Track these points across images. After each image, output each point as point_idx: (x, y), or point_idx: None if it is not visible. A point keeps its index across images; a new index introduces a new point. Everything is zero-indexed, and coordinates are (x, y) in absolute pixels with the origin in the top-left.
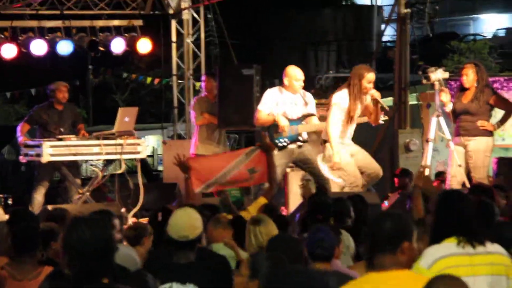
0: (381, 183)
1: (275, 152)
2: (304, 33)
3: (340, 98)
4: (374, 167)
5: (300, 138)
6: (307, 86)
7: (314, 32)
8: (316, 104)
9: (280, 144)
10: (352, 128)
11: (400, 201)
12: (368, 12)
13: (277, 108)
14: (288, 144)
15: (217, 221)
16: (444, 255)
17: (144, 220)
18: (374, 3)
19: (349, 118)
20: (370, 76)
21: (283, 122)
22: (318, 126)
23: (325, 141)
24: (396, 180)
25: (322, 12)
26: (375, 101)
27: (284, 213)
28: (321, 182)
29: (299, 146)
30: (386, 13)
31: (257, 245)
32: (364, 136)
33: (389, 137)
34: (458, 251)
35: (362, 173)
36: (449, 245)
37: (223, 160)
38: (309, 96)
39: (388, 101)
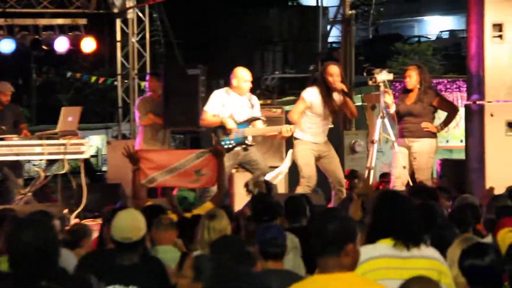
0: (328, 184)
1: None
2: (251, 33)
3: (307, 94)
4: (336, 176)
5: (246, 141)
6: (253, 87)
7: (260, 32)
8: (262, 104)
9: (226, 146)
10: (324, 127)
11: (345, 202)
12: (314, 13)
13: (223, 110)
14: (234, 146)
15: (159, 223)
16: (374, 256)
17: (88, 221)
18: (319, 4)
19: (323, 115)
20: (330, 69)
21: (230, 125)
22: (264, 131)
23: (294, 138)
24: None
25: (268, 13)
26: (343, 93)
27: None
28: (266, 183)
29: (245, 149)
30: (331, 14)
31: (209, 240)
32: None
33: (334, 138)
34: (391, 253)
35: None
36: (384, 246)
37: (171, 157)
38: (254, 98)
39: None
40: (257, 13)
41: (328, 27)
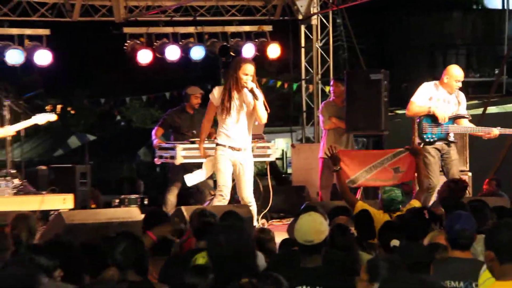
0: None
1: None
2: (433, 37)
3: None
4: (243, 193)
5: (449, 138)
6: None
7: (442, 36)
8: None
9: (427, 140)
10: (237, 127)
11: None
12: (499, 16)
13: (429, 103)
14: (435, 141)
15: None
16: None
17: (274, 222)
18: (505, 7)
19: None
20: (246, 67)
21: (440, 113)
22: (470, 129)
23: (216, 144)
24: None
25: (451, 16)
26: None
27: None
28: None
29: (448, 144)
30: None
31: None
32: (487, 150)
33: None
34: None
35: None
36: None
37: (369, 157)
38: (462, 95)
39: None
40: (439, 17)
41: None
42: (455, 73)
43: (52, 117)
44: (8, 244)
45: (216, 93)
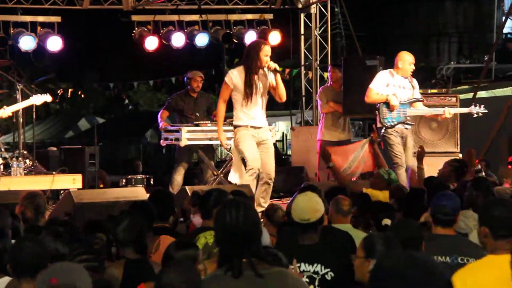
0: (495, 171)
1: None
2: (426, 25)
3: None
4: (268, 167)
5: (407, 121)
6: (429, 76)
7: (436, 24)
8: (437, 93)
9: (388, 124)
10: (257, 107)
11: None
12: (489, 5)
13: (387, 90)
14: (395, 124)
15: (336, 204)
16: None
17: (274, 201)
18: None
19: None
20: (266, 48)
21: (394, 102)
22: (425, 111)
23: (235, 127)
24: (510, 167)
25: (444, 5)
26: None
27: None
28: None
29: (406, 128)
30: (506, 6)
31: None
32: (477, 132)
33: (509, 125)
34: None
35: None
36: None
37: (348, 152)
38: (415, 81)
39: (508, 91)
40: (433, 6)
41: (503, 18)
42: (406, 57)
43: (48, 98)
44: (9, 222)
45: (234, 76)
